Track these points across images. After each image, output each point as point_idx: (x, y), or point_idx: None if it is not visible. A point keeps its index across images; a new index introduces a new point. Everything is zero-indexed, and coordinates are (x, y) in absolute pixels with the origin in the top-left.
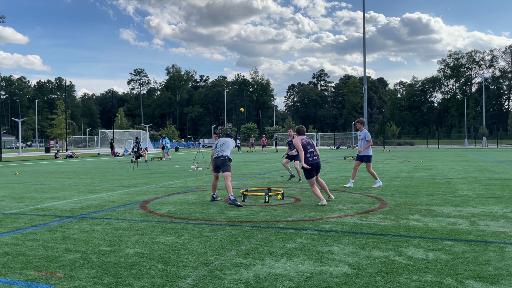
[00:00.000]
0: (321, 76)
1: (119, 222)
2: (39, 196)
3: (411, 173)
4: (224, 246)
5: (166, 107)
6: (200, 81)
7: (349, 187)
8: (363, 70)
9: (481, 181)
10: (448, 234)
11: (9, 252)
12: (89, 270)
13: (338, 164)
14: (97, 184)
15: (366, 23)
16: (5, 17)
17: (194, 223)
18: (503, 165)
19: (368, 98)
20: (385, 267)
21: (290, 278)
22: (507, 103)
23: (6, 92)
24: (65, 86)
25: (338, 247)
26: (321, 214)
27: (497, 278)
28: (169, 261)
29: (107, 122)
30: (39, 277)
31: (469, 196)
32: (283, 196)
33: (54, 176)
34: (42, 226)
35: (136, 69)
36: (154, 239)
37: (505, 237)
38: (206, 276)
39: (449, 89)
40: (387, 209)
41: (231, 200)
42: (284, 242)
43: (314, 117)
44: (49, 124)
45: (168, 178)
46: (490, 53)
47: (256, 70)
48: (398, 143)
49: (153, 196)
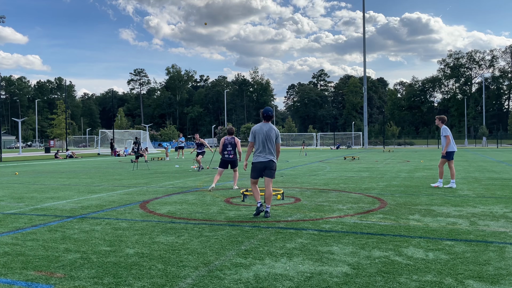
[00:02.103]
0: (321, 76)
1: (119, 222)
2: (39, 196)
3: (411, 173)
4: (224, 246)
5: (166, 107)
6: (200, 81)
7: (439, 187)
8: (363, 70)
9: (481, 181)
10: (448, 234)
11: (9, 252)
12: (89, 270)
13: (338, 164)
14: (97, 184)
15: (365, 23)
16: (5, 17)
17: (194, 223)
18: (503, 165)
19: (368, 98)
20: (385, 267)
21: (290, 278)
22: (507, 103)
23: (6, 92)
24: (65, 86)
25: (338, 247)
26: (321, 214)
27: (497, 278)
28: (169, 261)
29: (107, 122)
30: (39, 277)
31: (469, 196)
32: (283, 196)
33: (54, 176)
34: (42, 226)
35: (136, 69)
36: (154, 239)
37: (505, 237)
38: (206, 276)
39: (449, 89)
40: (387, 209)
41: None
42: (284, 242)
43: (314, 117)
44: (49, 124)
45: (168, 178)
46: (490, 53)
47: (256, 70)
48: (398, 143)
49: (153, 196)
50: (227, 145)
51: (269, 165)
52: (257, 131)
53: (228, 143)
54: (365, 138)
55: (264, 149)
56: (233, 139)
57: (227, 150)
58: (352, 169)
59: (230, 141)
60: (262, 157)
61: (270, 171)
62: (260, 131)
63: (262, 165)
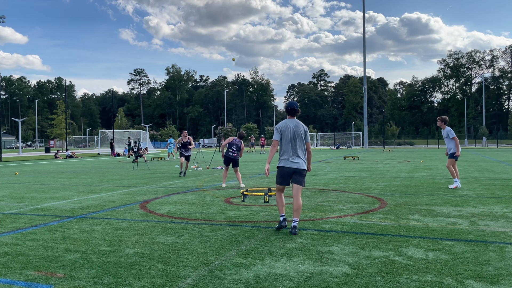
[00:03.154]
0: (321, 76)
1: (119, 222)
2: (39, 196)
3: (411, 173)
4: (224, 246)
5: (166, 107)
6: (200, 81)
7: (457, 187)
8: (363, 70)
9: (481, 181)
10: (448, 234)
11: (9, 252)
12: (89, 270)
13: (338, 164)
14: (97, 184)
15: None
16: (5, 17)
17: (194, 223)
18: (503, 165)
19: (368, 98)
20: (385, 267)
21: (290, 278)
22: (507, 103)
23: (6, 92)
24: (65, 86)
25: (338, 247)
26: (321, 214)
27: (497, 278)
28: (169, 261)
29: (107, 122)
30: (39, 277)
31: (469, 196)
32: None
33: (54, 176)
34: (42, 226)
35: (136, 69)
36: (154, 239)
37: (505, 237)
38: (206, 276)
39: (449, 89)
40: (387, 209)
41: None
42: (284, 242)
43: (314, 117)
44: (49, 124)
45: (168, 178)
46: (490, 53)
47: (256, 70)
48: (398, 143)
49: (153, 196)
50: (234, 145)
51: (299, 169)
52: (283, 128)
53: (235, 144)
54: (365, 138)
55: (293, 149)
56: (241, 143)
57: (232, 149)
58: (352, 169)
59: (237, 143)
60: (290, 160)
61: (300, 177)
62: (285, 128)
63: (291, 169)
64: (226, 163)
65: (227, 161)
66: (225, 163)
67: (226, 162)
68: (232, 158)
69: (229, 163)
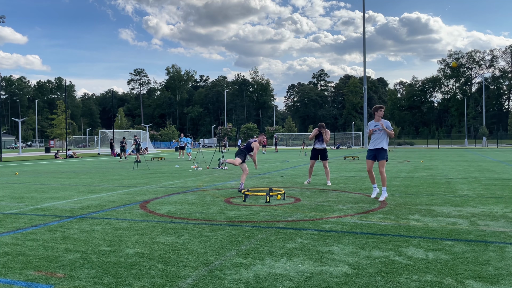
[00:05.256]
0: (321, 76)
1: (119, 222)
2: (39, 196)
3: (411, 173)
4: (224, 246)
5: (166, 107)
6: (200, 81)
7: None
8: (363, 70)
9: (481, 181)
10: (448, 234)
11: (9, 252)
12: (89, 270)
13: (338, 164)
14: (97, 184)
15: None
16: (5, 17)
17: (194, 223)
18: (503, 165)
19: (368, 98)
20: (385, 267)
21: (290, 278)
22: (507, 103)
23: (6, 92)
24: (65, 86)
25: (338, 247)
26: (321, 214)
27: (497, 278)
28: (169, 261)
29: (107, 122)
30: (39, 277)
31: (469, 196)
32: (284, 196)
33: (54, 176)
34: (42, 226)
35: (136, 69)
36: (154, 239)
37: (505, 237)
38: (206, 276)
39: (449, 89)
40: (387, 209)
41: None
42: (284, 242)
43: (314, 117)
44: (49, 124)
45: (168, 178)
46: (490, 53)
47: (256, 70)
48: (398, 143)
49: (153, 196)
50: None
51: None
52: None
53: (247, 146)
54: (365, 138)
55: None
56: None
57: (318, 140)
58: (352, 169)
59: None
60: None
61: None
62: None
63: None
64: (313, 157)
65: (315, 154)
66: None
67: (314, 155)
68: (320, 150)
69: (316, 156)
